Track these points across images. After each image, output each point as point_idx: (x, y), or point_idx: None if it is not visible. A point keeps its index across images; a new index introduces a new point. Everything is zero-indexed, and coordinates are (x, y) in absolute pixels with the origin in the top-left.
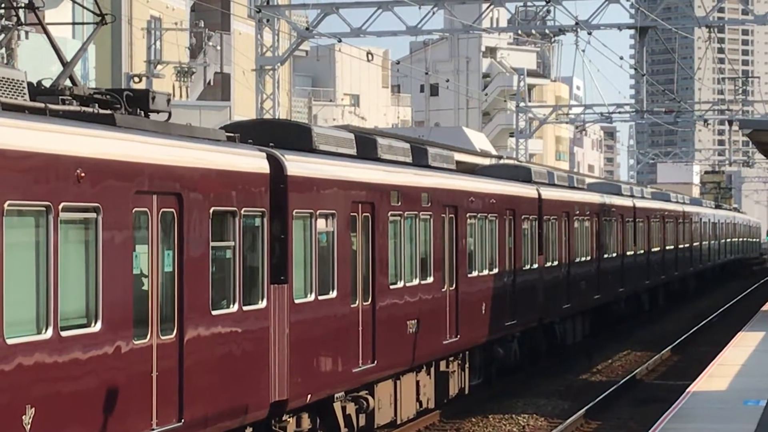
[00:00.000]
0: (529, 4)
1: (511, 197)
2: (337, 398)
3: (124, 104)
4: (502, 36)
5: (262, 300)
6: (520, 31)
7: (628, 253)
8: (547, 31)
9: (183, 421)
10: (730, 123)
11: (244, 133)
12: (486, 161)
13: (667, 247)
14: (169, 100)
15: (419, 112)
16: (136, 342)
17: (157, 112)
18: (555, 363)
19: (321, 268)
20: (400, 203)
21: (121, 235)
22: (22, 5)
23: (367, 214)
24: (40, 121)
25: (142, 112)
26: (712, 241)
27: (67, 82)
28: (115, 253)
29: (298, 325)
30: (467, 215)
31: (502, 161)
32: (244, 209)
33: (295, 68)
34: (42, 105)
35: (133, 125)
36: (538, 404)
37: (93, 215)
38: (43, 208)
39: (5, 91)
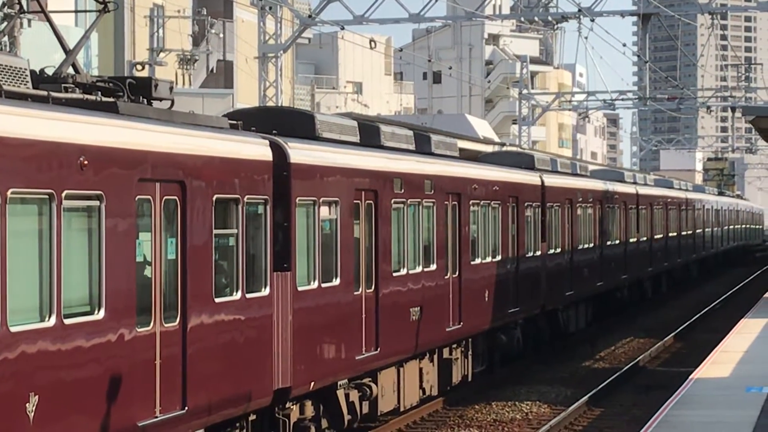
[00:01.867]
0: None
1: (514, 184)
2: (340, 385)
3: (127, 92)
4: (504, 23)
5: (265, 287)
6: (522, 18)
7: (631, 240)
8: (549, 18)
9: (186, 408)
10: (733, 110)
11: (246, 121)
12: (489, 148)
13: (670, 234)
14: (171, 88)
15: (422, 99)
16: (139, 330)
17: (160, 99)
18: (558, 350)
19: (324, 256)
20: (403, 190)
21: (124, 222)
22: None
23: (371, 202)
24: (43, 108)
25: (145, 100)
26: (715, 228)
27: (70, 70)
28: (118, 240)
29: (301, 312)
30: (470, 202)
31: (505, 148)
32: (247, 197)
33: (298, 56)
34: (45, 93)
35: (135, 113)
36: (541, 391)
37: (96, 203)
38: (46, 196)
39: (8, 79)
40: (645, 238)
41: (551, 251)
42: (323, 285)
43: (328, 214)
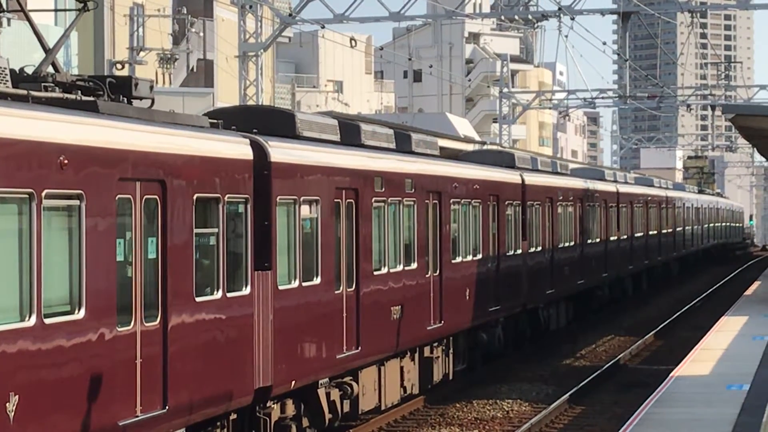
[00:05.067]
0: None
1: (494, 183)
2: (321, 384)
3: (107, 91)
4: (485, 22)
5: (246, 286)
6: (503, 17)
7: (612, 238)
8: (530, 16)
9: (167, 407)
10: (713, 108)
11: (227, 120)
12: (469, 147)
13: (651, 232)
14: (152, 87)
15: (402, 98)
16: (120, 329)
17: (140, 98)
18: (539, 348)
19: (305, 255)
20: (383, 189)
21: (104, 222)
22: None
23: (351, 201)
24: (22, 108)
25: (125, 99)
26: (695, 226)
27: (50, 69)
28: (98, 240)
29: (282, 311)
30: (451, 201)
31: (485, 147)
32: (227, 196)
33: (279, 54)
34: (24, 92)
35: (116, 112)
36: (522, 389)
37: (76, 202)
38: (26, 196)
39: None
40: (625, 237)
41: (532, 250)
42: (304, 284)
43: (308, 213)
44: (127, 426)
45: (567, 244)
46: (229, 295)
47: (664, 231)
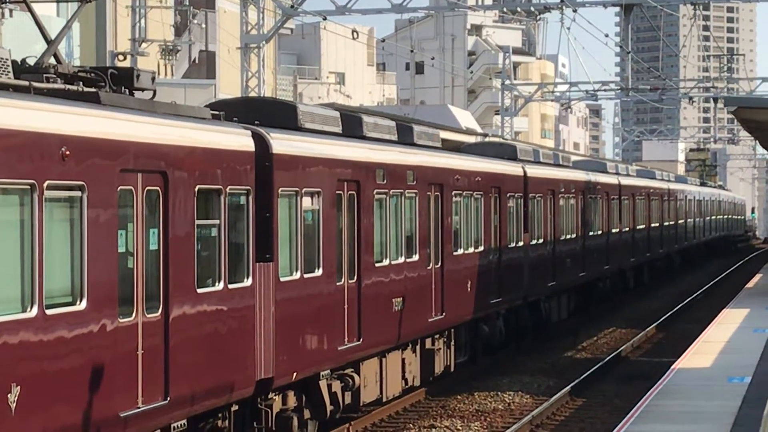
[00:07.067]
0: None
1: (496, 175)
2: (322, 376)
3: (109, 82)
4: (487, 14)
5: (247, 278)
6: (505, 9)
7: (614, 230)
8: (532, 8)
9: (168, 398)
10: (715, 100)
11: (229, 111)
12: (471, 139)
13: (652, 225)
14: (153, 78)
15: (404, 90)
16: (121, 320)
17: (142, 90)
18: (540, 340)
19: (306, 246)
20: (385, 181)
21: (106, 213)
22: None
23: (353, 192)
24: (24, 99)
25: (127, 90)
26: (697, 219)
27: (52, 60)
28: (100, 231)
29: (283, 303)
30: (453, 193)
31: (487, 139)
32: (229, 187)
33: (280, 46)
34: (26, 83)
35: (117, 103)
36: (523, 381)
37: (78, 193)
38: (28, 187)
39: None
40: (627, 229)
41: (534, 242)
42: (305, 275)
43: (310, 205)
44: (129, 417)
45: (569, 237)
46: (230, 286)
47: (666, 223)
